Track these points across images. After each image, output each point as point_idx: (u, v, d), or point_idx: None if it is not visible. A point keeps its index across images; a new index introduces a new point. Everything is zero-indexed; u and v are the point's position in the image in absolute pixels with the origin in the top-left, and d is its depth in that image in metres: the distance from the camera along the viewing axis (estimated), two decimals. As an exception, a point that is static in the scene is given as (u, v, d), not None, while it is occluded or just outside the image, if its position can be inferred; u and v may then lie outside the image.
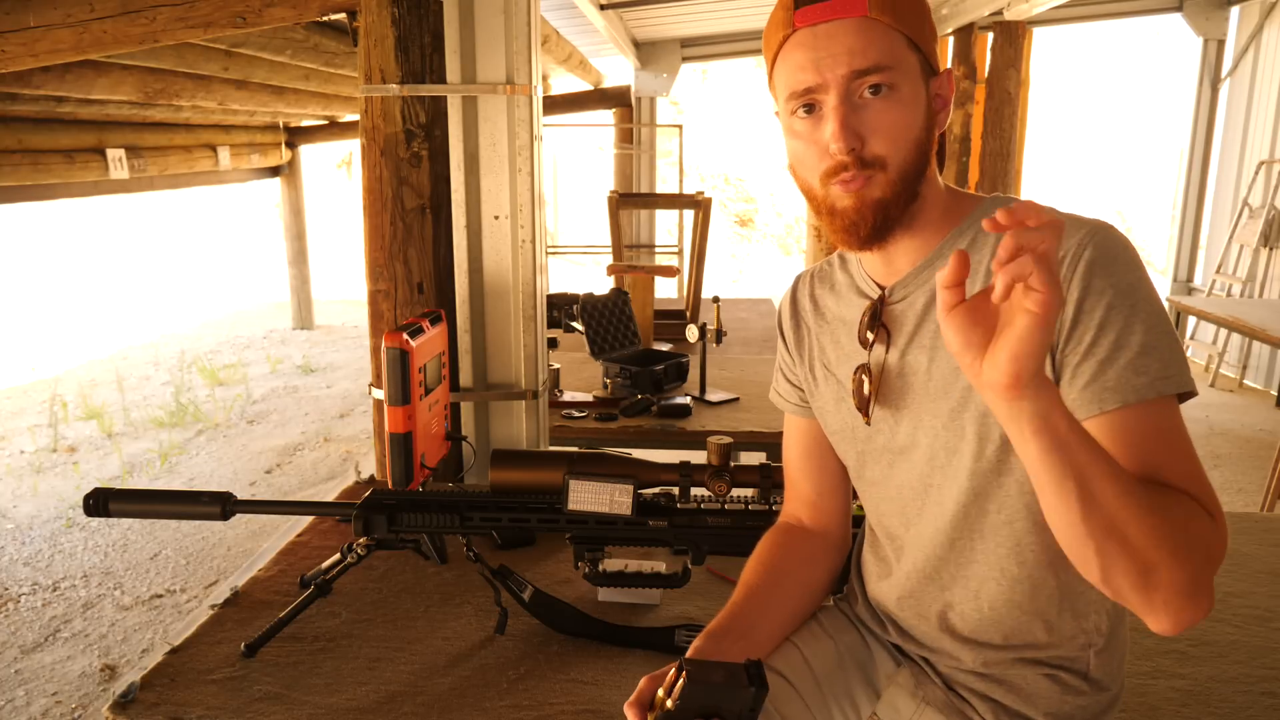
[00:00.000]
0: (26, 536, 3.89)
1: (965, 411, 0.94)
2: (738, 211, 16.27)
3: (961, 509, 0.97)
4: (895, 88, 0.89)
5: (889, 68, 0.88)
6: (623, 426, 2.55)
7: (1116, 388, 0.84)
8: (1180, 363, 0.85)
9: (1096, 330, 0.85)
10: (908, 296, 0.99)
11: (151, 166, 5.27)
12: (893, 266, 1.00)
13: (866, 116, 0.89)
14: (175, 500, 1.44)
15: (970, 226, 0.97)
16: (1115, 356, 0.84)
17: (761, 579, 1.09)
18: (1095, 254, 0.86)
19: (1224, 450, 4.76)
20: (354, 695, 1.29)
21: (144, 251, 13.80)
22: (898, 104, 0.89)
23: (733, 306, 4.74)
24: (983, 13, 5.62)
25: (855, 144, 0.89)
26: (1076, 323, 0.86)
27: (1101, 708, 0.99)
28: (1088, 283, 0.86)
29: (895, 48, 0.89)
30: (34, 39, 2.13)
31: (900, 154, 0.90)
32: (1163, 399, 0.84)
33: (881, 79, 0.88)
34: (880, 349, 1.01)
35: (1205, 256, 6.94)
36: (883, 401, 1.01)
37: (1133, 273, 0.86)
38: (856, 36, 0.88)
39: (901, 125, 0.90)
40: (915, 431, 0.99)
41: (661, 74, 7.70)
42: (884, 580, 1.09)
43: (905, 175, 0.91)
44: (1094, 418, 0.85)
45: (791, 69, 0.91)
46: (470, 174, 2.02)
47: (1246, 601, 1.55)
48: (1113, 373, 0.84)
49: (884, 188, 0.91)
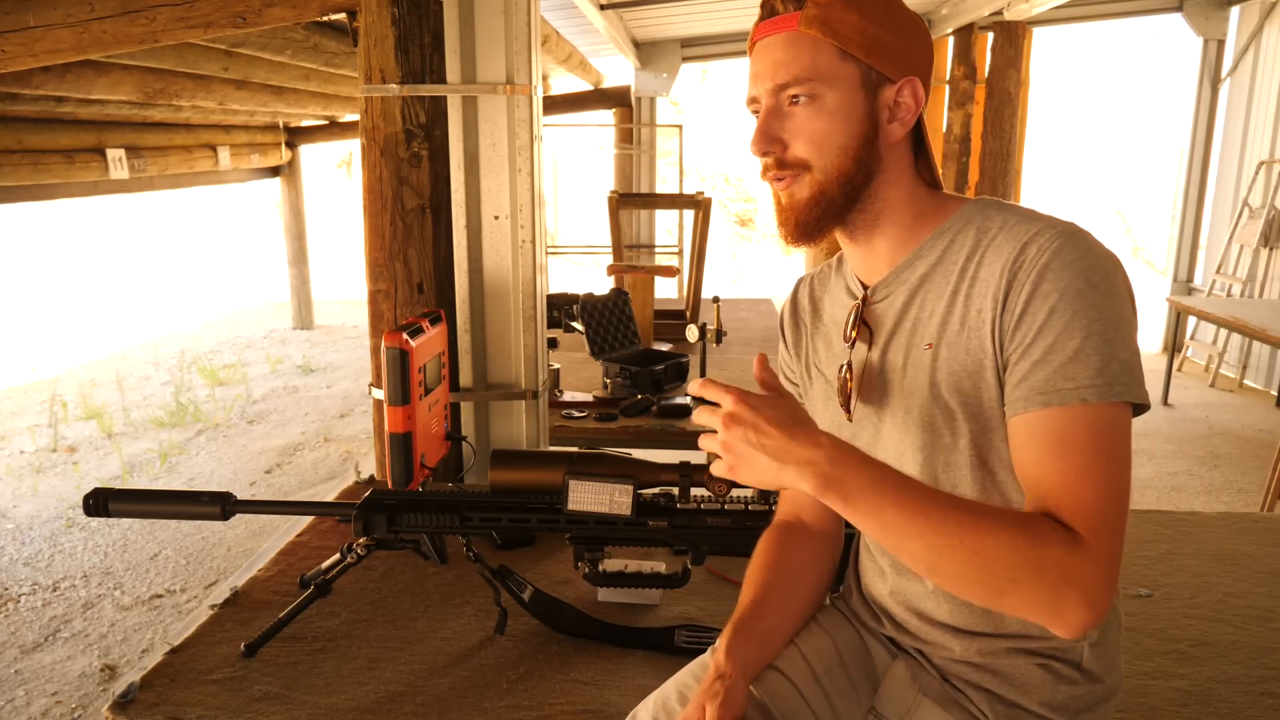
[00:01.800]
0: (26, 536, 3.89)
1: (933, 408, 0.96)
2: (738, 211, 16.26)
3: None
4: (817, 97, 0.94)
5: (810, 79, 0.94)
6: (623, 426, 2.55)
7: (1042, 389, 0.86)
8: (1124, 372, 0.84)
9: (1036, 332, 0.87)
10: (888, 296, 1.02)
11: (151, 166, 5.27)
12: (873, 266, 1.03)
13: (789, 124, 0.96)
14: (175, 500, 1.44)
15: (949, 228, 0.98)
16: (1048, 359, 0.86)
17: (775, 578, 1.09)
18: (1050, 258, 0.88)
19: (1224, 450, 4.76)
20: (354, 695, 1.29)
21: (144, 251, 13.80)
22: (819, 113, 0.95)
23: (733, 306, 4.74)
24: (983, 13, 5.63)
25: (771, 149, 0.96)
26: (1020, 323, 0.88)
27: (1096, 699, 1.00)
28: (1036, 285, 0.88)
29: (821, 60, 0.94)
30: (34, 39, 2.13)
31: (824, 159, 0.96)
32: (1088, 406, 0.83)
33: (801, 90, 0.94)
34: (862, 348, 1.04)
35: (1205, 256, 6.94)
36: (864, 399, 1.04)
37: (1086, 278, 0.86)
38: (784, 49, 0.95)
39: (823, 133, 0.95)
40: (893, 429, 1.01)
41: (661, 74, 7.69)
42: (876, 576, 1.12)
43: (834, 180, 0.96)
44: (1018, 416, 0.88)
45: (748, 79, 1.00)
46: (470, 174, 2.02)
47: (1246, 601, 1.55)
48: (1041, 374, 0.86)
49: (810, 188, 0.97)
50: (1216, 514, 1.96)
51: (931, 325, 0.97)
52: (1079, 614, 0.80)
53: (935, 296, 0.97)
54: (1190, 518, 1.93)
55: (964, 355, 0.93)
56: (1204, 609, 1.54)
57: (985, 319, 0.92)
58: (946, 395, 0.95)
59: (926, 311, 0.98)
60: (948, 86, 6.73)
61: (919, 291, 0.99)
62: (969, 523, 0.82)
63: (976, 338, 0.93)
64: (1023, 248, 0.90)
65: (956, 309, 0.95)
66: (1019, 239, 0.91)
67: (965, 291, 0.94)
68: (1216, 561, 1.70)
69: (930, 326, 0.97)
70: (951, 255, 0.97)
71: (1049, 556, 0.80)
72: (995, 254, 0.93)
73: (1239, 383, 6.05)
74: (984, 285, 0.93)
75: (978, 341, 0.92)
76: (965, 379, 0.93)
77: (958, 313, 0.94)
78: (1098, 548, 0.81)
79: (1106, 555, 0.81)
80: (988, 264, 0.93)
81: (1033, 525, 0.82)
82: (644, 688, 1.28)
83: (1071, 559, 0.80)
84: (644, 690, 1.27)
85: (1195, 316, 5.52)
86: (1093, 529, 0.81)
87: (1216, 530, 1.86)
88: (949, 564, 0.82)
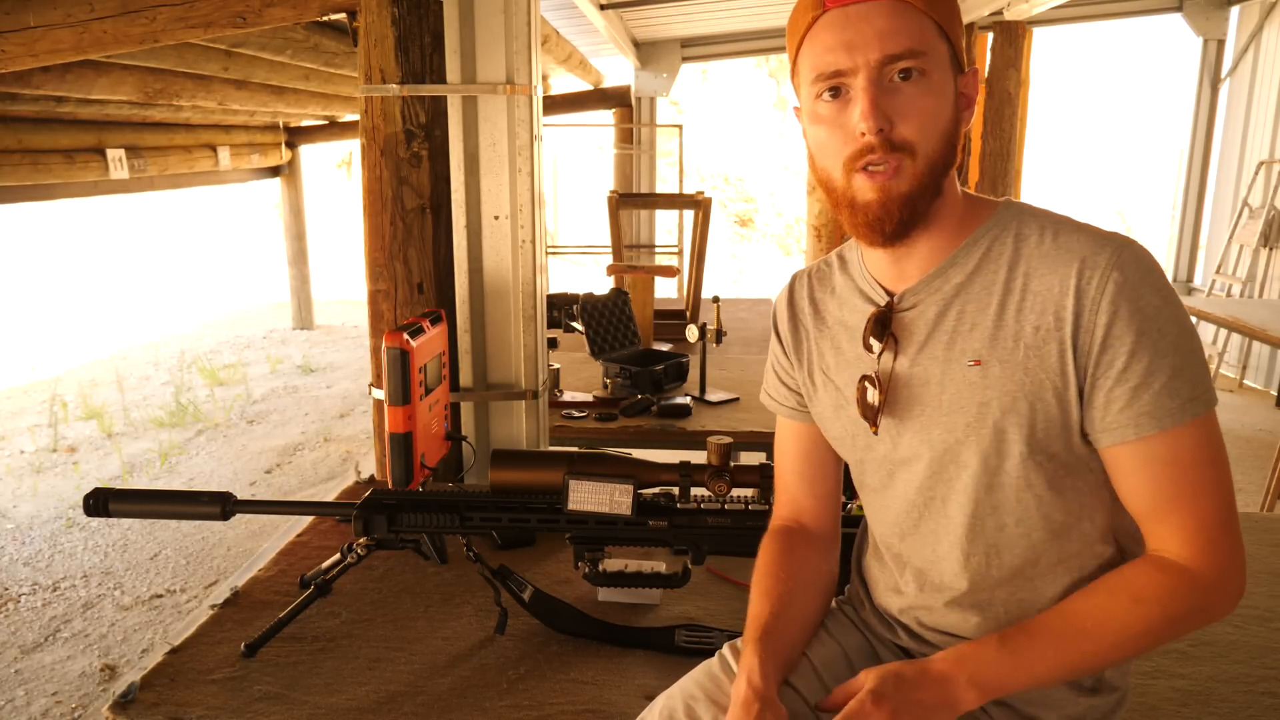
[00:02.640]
0: (26, 536, 3.89)
1: (983, 426, 0.92)
2: (738, 211, 16.26)
3: (970, 521, 0.95)
4: (926, 74, 0.87)
5: (922, 53, 0.86)
6: (623, 426, 2.55)
7: (1153, 413, 0.86)
8: (1207, 379, 0.87)
9: (1128, 356, 0.86)
10: (918, 304, 0.96)
11: (151, 166, 5.27)
12: (902, 272, 0.97)
13: (896, 101, 0.86)
14: (175, 500, 1.44)
15: (986, 234, 0.94)
16: (1149, 382, 0.86)
17: (791, 587, 1.05)
18: (1123, 276, 0.86)
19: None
20: (354, 695, 1.29)
21: (144, 251, 13.80)
22: (928, 91, 0.87)
23: (733, 306, 4.74)
24: (983, 13, 5.62)
25: (884, 125, 0.86)
26: (1106, 348, 0.86)
27: (1111, 707, 0.99)
28: (1116, 307, 0.86)
29: (927, 34, 0.87)
30: (34, 39, 2.13)
31: (929, 143, 0.88)
32: (1196, 419, 0.86)
33: (914, 64, 0.86)
34: (888, 357, 0.98)
35: (1205, 256, 6.94)
36: (888, 411, 0.98)
37: (1159, 293, 0.87)
38: (889, 19, 0.85)
39: (931, 112, 0.87)
40: (920, 444, 0.97)
41: (661, 74, 7.69)
42: (890, 591, 1.07)
43: (933, 167, 0.89)
44: (1129, 443, 0.87)
45: (819, 51, 0.88)
46: (470, 174, 2.02)
47: (1247, 601, 1.55)
48: (1148, 398, 0.86)
49: (911, 180, 0.88)
50: (1216, 514, 1.96)
51: (975, 340, 0.92)
52: (1223, 612, 0.89)
53: (976, 309, 0.92)
54: (1190, 518, 1.93)
55: (1022, 375, 0.90)
56: (1204, 609, 1.54)
57: (1048, 338, 0.88)
58: (999, 414, 0.91)
59: (966, 324, 0.93)
60: (948, 86, 6.72)
61: (955, 301, 0.94)
62: (1094, 631, 0.87)
63: (1037, 357, 0.89)
64: (1084, 263, 0.87)
65: (1008, 324, 0.91)
66: (1074, 252, 0.88)
67: (1016, 306, 0.90)
68: (1216, 561, 1.70)
69: (974, 341, 0.92)
70: (990, 265, 0.93)
71: (1169, 610, 0.87)
72: (1048, 267, 0.89)
73: (1239, 383, 6.05)
74: (1039, 300, 0.89)
75: (1038, 361, 0.89)
76: (1021, 399, 0.90)
77: (1009, 328, 0.91)
78: (1222, 550, 0.88)
79: (1231, 550, 0.88)
80: (1039, 277, 0.90)
81: (1142, 590, 0.88)
82: (644, 688, 1.29)
83: (1191, 592, 0.87)
84: (644, 690, 1.27)
85: (1195, 316, 5.51)
86: (1216, 538, 0.88)
87: (1216, 530, 1.85)
88: (1106, 663, 0.90)
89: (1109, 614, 0.87)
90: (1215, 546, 0.87)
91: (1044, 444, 0.91)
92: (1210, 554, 0.87)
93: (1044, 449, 0.91)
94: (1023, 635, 0.88)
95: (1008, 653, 0.86)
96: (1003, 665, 0.86)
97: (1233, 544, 0.88)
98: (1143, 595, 0.86)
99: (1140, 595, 0.87)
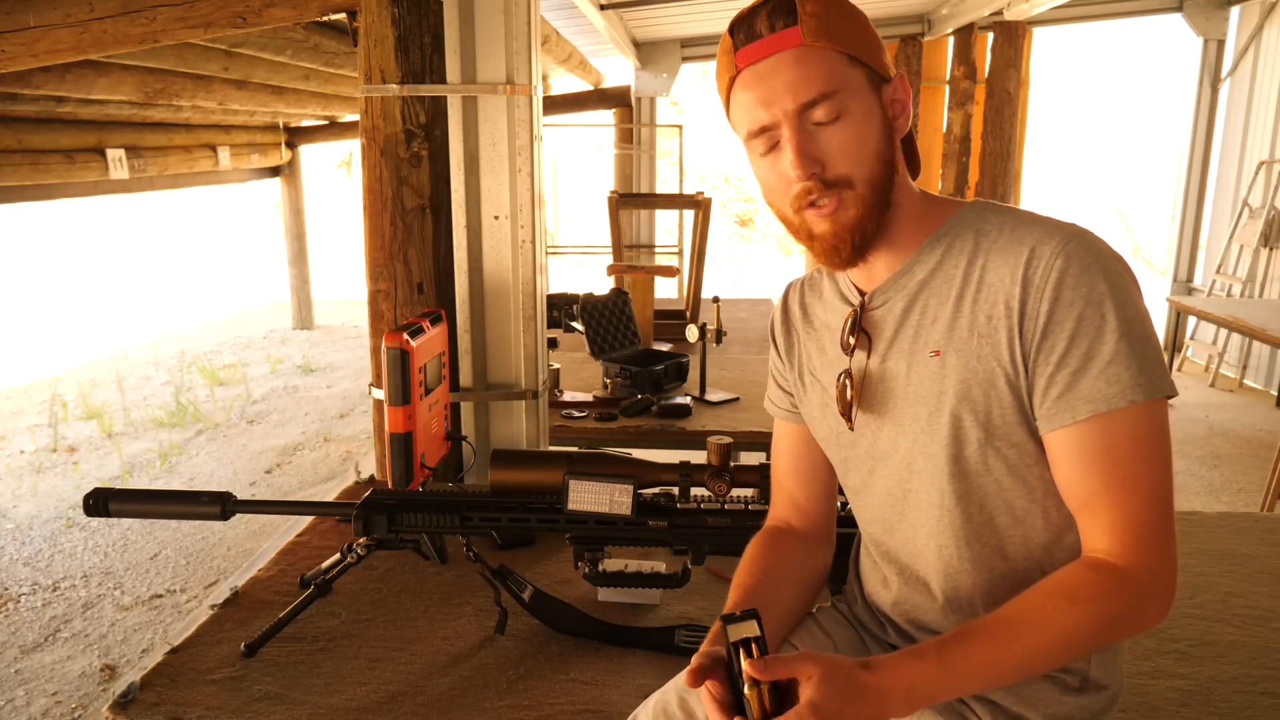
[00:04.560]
0: (26, 536, 3.89)
1: (940, 415, 0.95)
2: (738, 211, 16.27)
3: (941, 512, 0.97)
4: (845, 108, 0.90)
5: (834, 92, 0.90)
6: (623, 426, 2.55)
7: (1089, 397, 0.86)
8: (1155, 367, 0.86)
9: (1068, 341, 0.87)
10: (887, 302, 1.00)
11: (151, 166, 5.27)
12: (872, 273, 1.01)
13: (822, 143, 0.91)
14: (175, 500, 1.44)
15: (946, 233, 0.97)
16: (1088, 367, 0.86)
17: (758, 580, 1.08)
18: (1066, 264, 0.88)
19: (1224, 450, 4.76)
20: (354, 695, 1.29)
21: (144, 251, 13.80)
22: (850, 124, 0.91)
23: (733, 306, 4.74)
24: (983, 13, 5.63)
25: (815, 170, 0.91)
26: (1047, 334, 0.88)
27: (1100, 707, 0.99)
28: (1058, 294, 0.87)
29: (835, 69, 0.90)
30: (34, 39, 2.13)
31: (864, 170, 0.92)
32: (1135, 406, 0.85)
33: (829, 105, 0.90)
34: (861, 355, 1.02)
35: (1205, 256, 6.94)
36: (865, 407, 1.02)
37: (1106, 279, 0.87)
38: (796, 68, 0.90)
39: (857, 144, 0.91)
40: (896, 437, 1.00)
41: (661, 74, 7.69)
42: (880, 585, 1.10)
43: (875, 188, 0.93)
44: (1064, 428, 0.88)
45: (744, 109, 0.93)
46: (470, 174, 2.02)
47: (1246, 601, 1.55)
48: (1085, 383, 0.86)
49: (856, 206, 0.92)
50: (1216, 514, 1.96)
51: (936, 331, 0.96)
52: (1156, 616, 0.87)
53: (938, 302, 0.96)
54: (1190, 517, 1.93)
55: (975, 362, 0.93)
56: (1204, 609, 1.54)
57: (998, 326, 0.91)
58: (956, 402, 0.93)
59: (929, 318, 0.97)
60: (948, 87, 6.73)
61: (919, 297, 0.98)
62: (1027, 635, 0.85)
63: (989, 345, 0.92)
64: (1032, 252, 0.89)
65: (964, 315, 0.94)
66: (1025, 243, 0.90)
67: (972, 297, 0.93)
68: (1217, 561, 1.70)
69: (935, 333, 0.96)
70: (951, 260, 0.96)
71: (1105, 609, 0.85)
72: (1001, 258, 0.92)
73: (1239, 383, 6.05)
74: (992, 291, 0.92)
75: (990, 349, 0.92)
76: (975, 386, 0.93)
77: (965, 319, 0.94)
78: (1152, 551, 0.86)
79: (1161, 552, 0.86)
80: (993, 268, 0.92)
81: (1076, 590, 0.86)
82: (644, 687, 1.29)
83: (1123, 592, 0.85)
84: (644, 690, 1.27)
85: (1195, 316, 5.52)
86: (1145, 537, 0.86)
87: (1216, 530, 1.86)
88: (1041, 668, 0.88)
89: (1044, 616, 0.86)
90: (1144, 547, 0.86)
91: (1002, 431, 0.93)
92: (1138, 554, 0.86)
93: (1004, 436, 0.93)
94: (958, 644, 0.86)
95: (943, 666, 0.85)
96: (937, 678, 0.85)
97: (1164, 547, 0.86)
98: (1078, 595, 0.85)
99: (1075, 595, 0.85)
